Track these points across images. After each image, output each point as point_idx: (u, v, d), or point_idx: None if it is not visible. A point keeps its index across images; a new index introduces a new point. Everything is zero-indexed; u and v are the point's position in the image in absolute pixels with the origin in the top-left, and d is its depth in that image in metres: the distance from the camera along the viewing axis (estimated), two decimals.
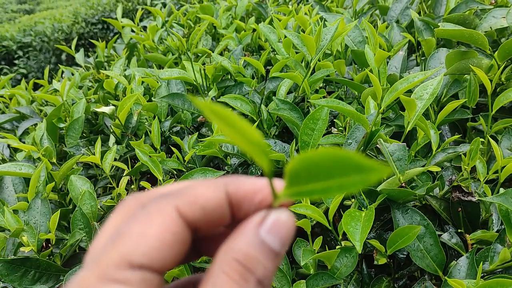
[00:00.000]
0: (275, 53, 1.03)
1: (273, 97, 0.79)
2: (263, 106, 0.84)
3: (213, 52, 1.14)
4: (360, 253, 0.55)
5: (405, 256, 0.62)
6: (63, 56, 4.26)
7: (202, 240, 0.23)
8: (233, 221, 0.21)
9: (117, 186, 0.89)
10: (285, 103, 0.77)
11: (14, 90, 1.34)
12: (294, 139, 0.72)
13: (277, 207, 0.20)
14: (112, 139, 1.05)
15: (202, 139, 0.80)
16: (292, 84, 0.84)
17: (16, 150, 1.15)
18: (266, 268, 0.19)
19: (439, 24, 0.77)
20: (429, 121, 0.64)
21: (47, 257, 0.74)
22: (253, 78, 1.01)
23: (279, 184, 0.20)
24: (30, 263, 0.71)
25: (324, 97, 0.78)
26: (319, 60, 0.83)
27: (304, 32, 0.91)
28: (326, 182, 0.18)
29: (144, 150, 0.77)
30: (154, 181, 0.96)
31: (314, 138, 0.66)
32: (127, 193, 0.88)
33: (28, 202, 0.81)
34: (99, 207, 0.81)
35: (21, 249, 0.71)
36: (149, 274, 0.18)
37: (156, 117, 0.85)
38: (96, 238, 0.21)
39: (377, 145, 0.61)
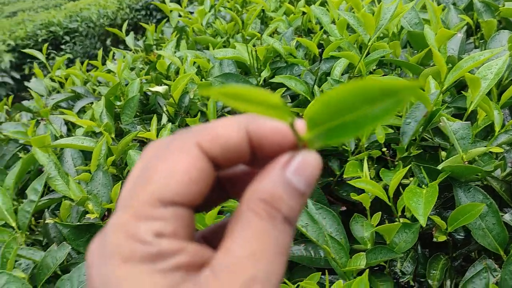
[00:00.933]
0: (327, 35, 1.03)
1: (328, 77, 0.80)
2: (316, 87, 0.84)
3: (261, 35, 1.16)
4: (420, 229, 0.55)
5: (462, 237, 0.62)
6: (108, 42, 4.38)
7: (229, 181, 0.24)
8: (254, 159, 0.22)
9: None
10: (340, 83, 0.77)
11: (70, 70, 1.39)
12: None
13: (303, 148, 0.20)
14: (164, 118, 1.08)
15: None
16: (346, 65, 0.84)
17: (74, 126, 1.21)
18: (292, 207, 0.19)
19: (502, 4, 0.75)
20: (492, 101, 0.63)
21: None
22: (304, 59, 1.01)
23: (302, 126, 0.20)
24: (95, 229, 0.75)
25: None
26: (374, 41, 0.82)
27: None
28: (352, 114, 0.16)
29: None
30: None
31: None
32: None
33: (89, 174, 0.86)
34: None
35: (88, 215, 0.75)
36: (180, 209, 0.19)
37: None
38: (125, 184, 0.21)
39: (438, 125, 0.61)
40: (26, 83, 1.57)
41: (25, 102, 1.55)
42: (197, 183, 0.20)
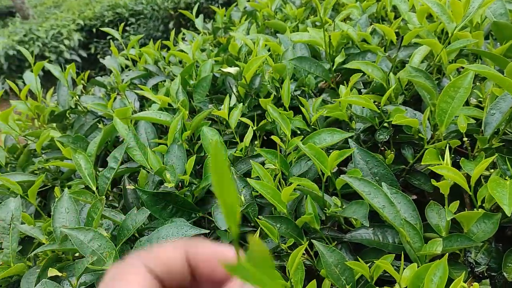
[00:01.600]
0: (404, 22, 1.02)
1: (406, 64, 0.79)
2: (392, 74, 0.84)
3: (333, 21, 1.16)
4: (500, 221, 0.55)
5: None
6: (171, 25, 4.49)
7: None
8: (194, 279, 0.24)
9: (240, 141, 0.96)
10: (419, 71, 0.77)
11: (144, 49, 1.45)
12: (428, 107, 0.72)
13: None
14: (233, 99, 1.11)
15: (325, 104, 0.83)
16: (426, 53, 0.83)
17: (146, 102, 1.27)
18: None
19: None
20: None
21: (183, 195, 0.82)
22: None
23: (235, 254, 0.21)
24: (170, 198, 0.80)
25: (462, 68, 0.77)
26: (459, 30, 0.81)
27: None
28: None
29: (274, 107, 0.82)
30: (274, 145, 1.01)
31: (453, 107, 0.66)
32: (252, 146, 0.94)
33: (165, 147, 0.90)
34: (227, 157, 0.88)
35: (165, 184, 0.80)
36: None
37: (287, 77, 0.88)
38: None
39: None
40: (101, 60, 1.65)
41: (98, 78, 1.64)
42: None
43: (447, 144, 0.62)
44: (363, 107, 0.78)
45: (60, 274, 0.67)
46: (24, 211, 1.00)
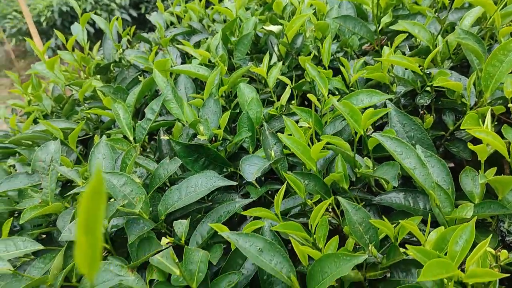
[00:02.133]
0: None
1: (456, 27, 0.75)
2: (440, 37, 0.80)
3: None
4: None
5: None
6: None
7: None
8: None
9: (277, 100, 0.95)
10: (469, 34, 0.72)
11: (189, 5, 1.45)
12: (474, 72, 0.69)
13: None
14: (274, 58, 1.09)
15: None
16: (478, 16, 0.78)
17: (188, 58, 1.27)
18: None
19: None
20: None
21: (216, 149, 0.83)
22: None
23: None
24: (203, 150, 0.80)
25: None
26: None
27: None
28: None
29: (313, 65, 0.80)
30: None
31: (501, 71, 0.62)
32: (288, 106, 0.93)
33: (201, 100, 0.91)
34: (262, 115, 0.87)
35: (198, 136, 0.81)
36: None
37: (329, 35, 0.86)
38: None
39: None
40: (147, 16, 1.67)
41: (143, 35, 1.65)
42: None
43: (490, 110, 0.59)
44: (406, 69, 0.75)
45: None
46: (66, 156, 1.05)
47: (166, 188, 0.83)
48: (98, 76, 1.30)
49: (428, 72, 0.74)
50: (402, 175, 0.71)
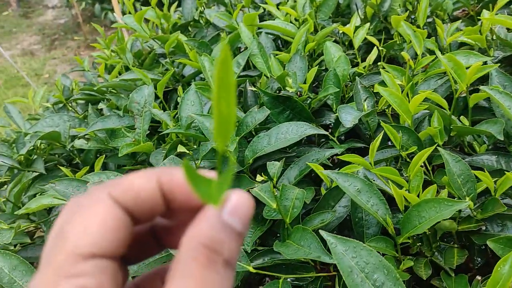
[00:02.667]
0: None
1: None
2: None
3: None
4: None
5: None
6: None
7: (162, 232, 0.24)
8: (170, 210, 0.22)
9: (361, 62, 0.95)
10: None
11: None
12: None
13: (234, 191, 0.20)
14: (358, 21, 1.09)
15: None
16: None
17: (269, 18, 1.29)
18: (231, 248, 0.19)
19: None
20: None
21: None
22: None
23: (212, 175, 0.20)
24: (289, 103, 0.82)
25: None
26: None
27: None
28: None
29: (408, 24, 0.79)
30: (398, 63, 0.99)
31: None
32: (373, 68, 0.93)
33: (288, 56, 0.92)
34: (349, 72, 0.87)
35: (286, 88, 0.82)
36: (102, 261, 0.19)
37: None
38: (47, 242, 0.21)
39: None
40: None
41: None
42: (113, 232, 0.19)
43: None
44: (508, 31, 0.73)
45: (187, 151, 0.74)
46: None
47: (250, 138, 0.86)
48: (179, 32, 1.33)
49: None
50: (494, 142, 0.70)
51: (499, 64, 0.80)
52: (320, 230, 0.46)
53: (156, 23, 1.42)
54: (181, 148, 0.73)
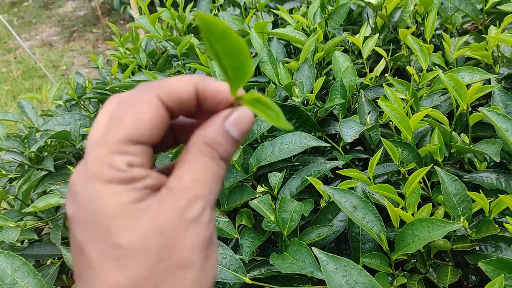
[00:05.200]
0: None
1: None
2: None
3: None
4: None
5: None
6: None
7: (179, 129, 0.29)
8: (198, 111, 0.27)
9: (369, 72, 0.95)
10: None
11: None
12: None
13: (239, 106, 0.25)
14: (368, 31, 1.09)
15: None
16: None
17: (280, 25, 1.30)
18: (228, 150, 0.25)
19: None
20: None
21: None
22: None
23: (240, 91, 0.25)
24: (295, 112, 0.84)
25: None
26: None
27: None
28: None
29: (415, 38, 0.80)
30: (405, 77, 0.99)
31: None
32: (380, 79, 0.94)
33: (297, 64, 0.93)
34: (356, 83, 0.88)
35: (293, 98, 0.84)
36: (145, 147, 0.24)
37: (434, 10, 0.85)
38: (93, 128, 0.26)
39: None
40: None
41: None
42: (158, 127, 0.25)
43: None
44: None
45: None
46: None
47: (256, 145, 0.87)
48: (192, 35, 1.35)
49: None
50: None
51: (504, 80, 0.80)
52: (313, 247, 0.48)
53: (170, 23, 1.44)
54: None
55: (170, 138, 0.29)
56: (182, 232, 0.24)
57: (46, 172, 1.02)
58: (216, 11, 1.33)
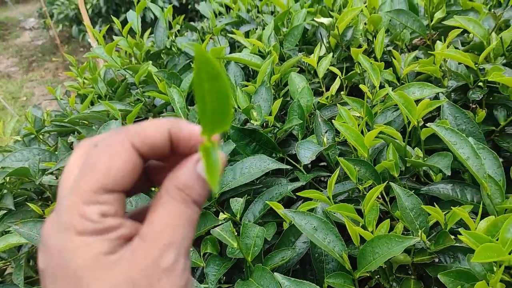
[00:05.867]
0: None
1: (510, 22, 0.76)
2: (493, 34, 0.80)
3: None
4: None
5: None
6: None
7: (152, 172, 0.29)
8: (172, 154, 0.27)
9: (325, 91, 0.97)
10: None
11: None
12: None
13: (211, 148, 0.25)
14: (323, 50, 1.12)
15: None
16: None
17: (237, 48, 1.31)
18: (200, 194, 0.25)
19: None
20: None
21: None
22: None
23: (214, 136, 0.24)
24: (255, 135, 0.84)
25: None
26: None
27: None
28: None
29: (366, 57, 0.82)
30: (361, 93, 1.02)
31: None
32: (336, 97, 0.96)
33: (254, 87, 0.94)
34: (313, 103, 0.90)
35: (251, 121, 0.84)
36: (118, 195, 0.24)
37: (383, 28, 0.88)
38: (64, 173, 0.26)
39: None
40: (196, 6, 1.71)
41: (192, 23, 1.70)
42: (131, 174, 0.25)
43: None
44: (459, 64, 0.76)
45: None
46: None
47: None
48: (150, 62, 1.35)
49: (481, 67, 0.75)
50: (450, 168, 0.73)
51: (453, 92, 0.83)
52: (275, 273, 0.48)
53: (128, 51, 1.43)
54: None
55: (144, 180, 0.29)
56: (156, 281, 0.23)
57: (6, 211, 0.98)
58: (173, 37, 1.33)
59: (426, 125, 0.61)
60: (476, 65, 0.74)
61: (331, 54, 0.98)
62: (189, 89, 1.08)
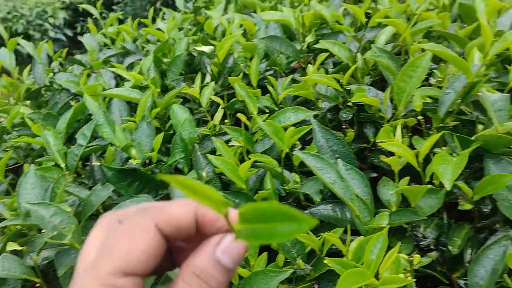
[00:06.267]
0: (375, 3, 1.02)
1: (372, 45, 0.80)
2: (359, 54, 0.85)
3: (309, 1, 1.16)
4: (445, 197, 0.57)
5: (489, 210, 0.62)
6: (158, 4, 4.43)
7: (177, 252, 0.28)
8: (197, 236, 0.26)
9: (211, 119, 0.96)
10: (383, 51, 0.77)
11: (122, 27, 1.44)
12: (390, 87, 0.73)
13: (232, 232, 0.24)
14: (208, 78, 1.11)
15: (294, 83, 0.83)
16: (392, 34, 0.84)
17: (122, 80, 1.26)
18: (219, 281, 0.24)
19: None
20: None
21: (150, 172, 0.83)
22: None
23: (235, 216, 0.23)
24: (136, 175, 0.80)
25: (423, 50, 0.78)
26: (423, 11, 0.81)
27: None
28: (269, 225, 0.21)
29: (242, 85, 0.82)
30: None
31: (411, 86, 0.67)
32: (220, 127, 0.95)
33: (135, 124, 0.91)
34: (196, 135, 0.88)
35: (130, 161, 0.80)
36: (137, 279, 0.23)
37: (256, 56, 0.89)
38: (83, 251, 0.25)
39: (478, 97, 0.61)
40: (79, 38, 1.64)
41: (77, 56, 1.62)
42: (152, 258, 0.24)
43: (401, 122, 0.63)
44: (328, 86, 0.79)
45: (19, 248, 0.68)
46: None
47: (99, 214, 0.82)
48: (28, 102, 1.26)
49: (348, 88, 0.78)
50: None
51: (329, 112, 0.86)
52: None
53: (5, 92, 1.33)
54: (11, 246, 0.67)
55: (168, 261, 0.27)
56: None
57: None
58: (51, 74, 1.25)
59: (293, 152, 0.62)
60: (343, 86, 0.77)
61: (213, 82, 0.97)
62: (68, 128, 1.01)
